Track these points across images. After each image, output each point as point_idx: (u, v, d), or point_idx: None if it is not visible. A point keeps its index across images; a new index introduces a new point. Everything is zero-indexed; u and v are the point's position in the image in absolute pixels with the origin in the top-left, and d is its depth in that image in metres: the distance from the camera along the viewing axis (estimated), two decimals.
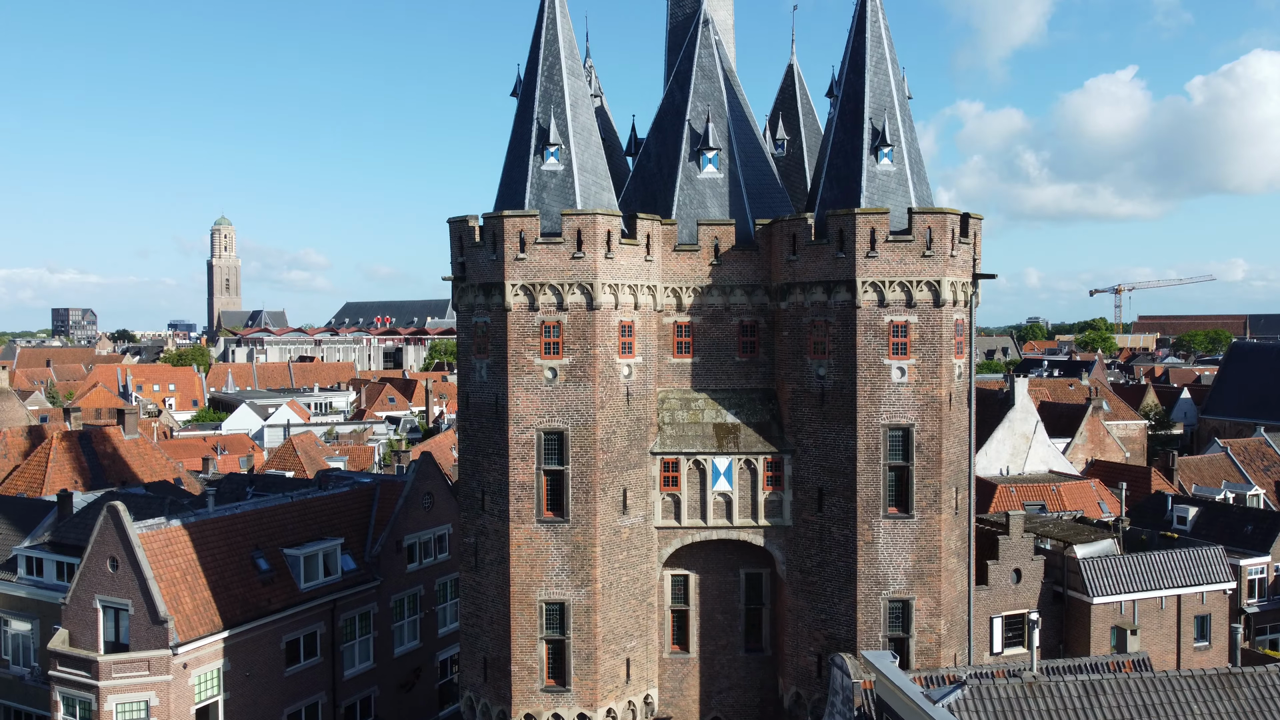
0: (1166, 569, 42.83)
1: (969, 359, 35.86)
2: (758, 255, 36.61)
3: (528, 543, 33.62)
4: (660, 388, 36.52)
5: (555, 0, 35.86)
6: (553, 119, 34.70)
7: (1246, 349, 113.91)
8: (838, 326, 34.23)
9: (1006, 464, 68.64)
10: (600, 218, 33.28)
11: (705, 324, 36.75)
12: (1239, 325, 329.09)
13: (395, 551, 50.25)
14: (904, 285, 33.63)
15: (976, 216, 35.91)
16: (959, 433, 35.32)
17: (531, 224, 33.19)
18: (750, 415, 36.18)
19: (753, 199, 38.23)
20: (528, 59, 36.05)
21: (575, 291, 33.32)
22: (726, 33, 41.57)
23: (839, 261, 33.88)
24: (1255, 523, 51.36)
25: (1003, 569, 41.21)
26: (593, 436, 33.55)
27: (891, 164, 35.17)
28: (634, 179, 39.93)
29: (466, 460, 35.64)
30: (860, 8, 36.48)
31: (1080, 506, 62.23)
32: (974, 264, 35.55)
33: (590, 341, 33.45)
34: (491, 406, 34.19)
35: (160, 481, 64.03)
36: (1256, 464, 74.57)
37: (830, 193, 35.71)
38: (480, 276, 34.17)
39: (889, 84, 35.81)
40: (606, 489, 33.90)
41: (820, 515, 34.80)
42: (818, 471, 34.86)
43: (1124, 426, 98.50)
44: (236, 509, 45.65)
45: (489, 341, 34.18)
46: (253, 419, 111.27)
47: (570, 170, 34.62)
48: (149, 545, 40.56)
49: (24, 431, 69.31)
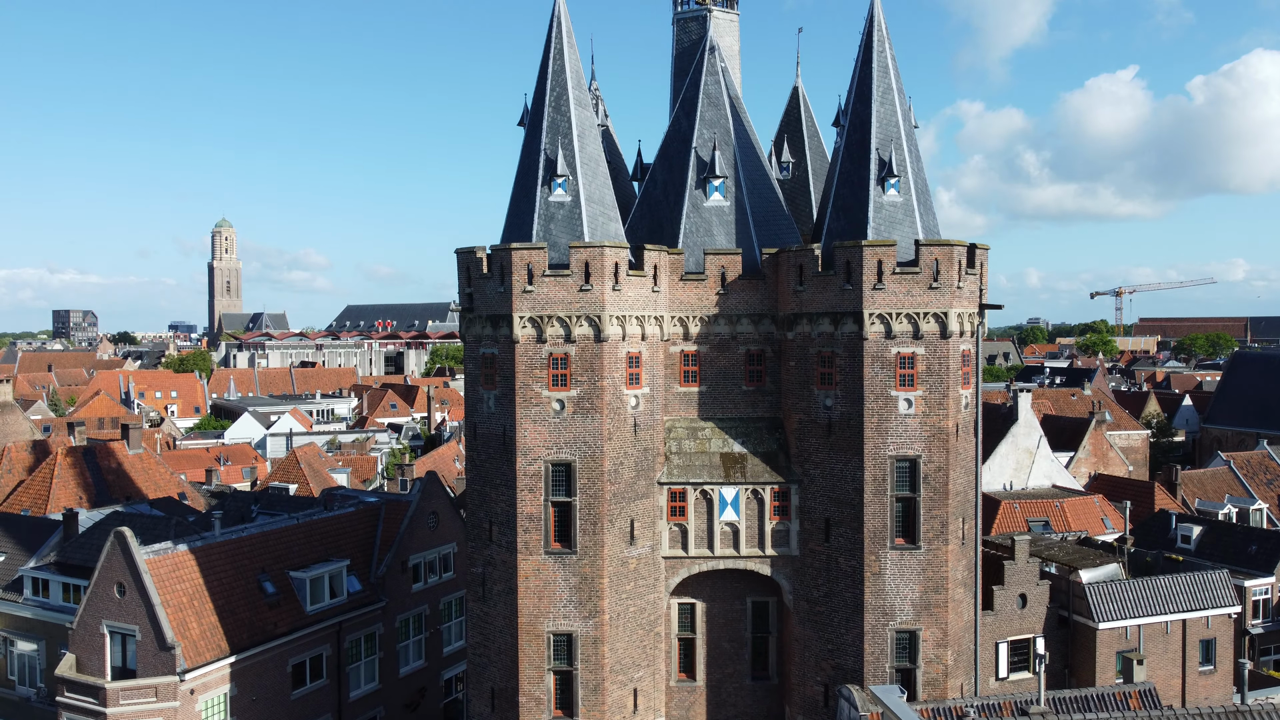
0: (1172, 593, 42.87)
1: (975, 389, 35.93)
2: (764, 284, 36.67)
3: (535, 574, 33.69)
4: (667, 417, 36.58)
5: (563, 32, 35.92)
6: (560, 150, 34.76)
7: (1249, 358, 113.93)
8: (845, 358, 34.29)
9: (1010, 479, 68.71)
10: (608, 250, 33.34)
11: (712, 353, 36.81)
12: (1240, 327, 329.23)
13: (400, 571, 50.33)
14: (911, 317, 33.70)
15: (983, 247, 35.98)
16: (966, 463, 35.38)
17: (539, 256, 33.25)
18: (757, 445, 36.23)
19: (759, 227, 38.29)
20: (535, 90, 36.11)
21: (583, 324, 33.38)
22: (732, 58, 41.61)
23: (846, 293, 33.94)
24: (1259, 543, 51.39)
25: (1008, 594, 41.26)
26: (600, 468, 33.61)
27: (898, 195, 35.22)
28: (640, 206, 39.99)
29: (474, 490, 35.69)
30: (867, 39, 36.54)
31: (1084, 524, 62.29)
32: (980, 294, 35.61)
33: (598, 373, 33.52)
34: (499, 438, 34.25)
35: (165, 498, 64.07)
36: (1259, 477, 74.60)
37: (837, 223, 35.76)
38: (488, 308, 34.24)
39: (895, 114, 35.86)
40: (614, 520, 33.97)
41: (827, 545, 34.87)
42: (825, 502, 34.92)
43: (1126, 437, 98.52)
44: (242, 531, 45.71)
45: (497, 373, 34.24)
46: (255, 428, 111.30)
47: (578, 201, 34.67)
48: (156, 571, 40.63)
49: (28, 446, 69.37)
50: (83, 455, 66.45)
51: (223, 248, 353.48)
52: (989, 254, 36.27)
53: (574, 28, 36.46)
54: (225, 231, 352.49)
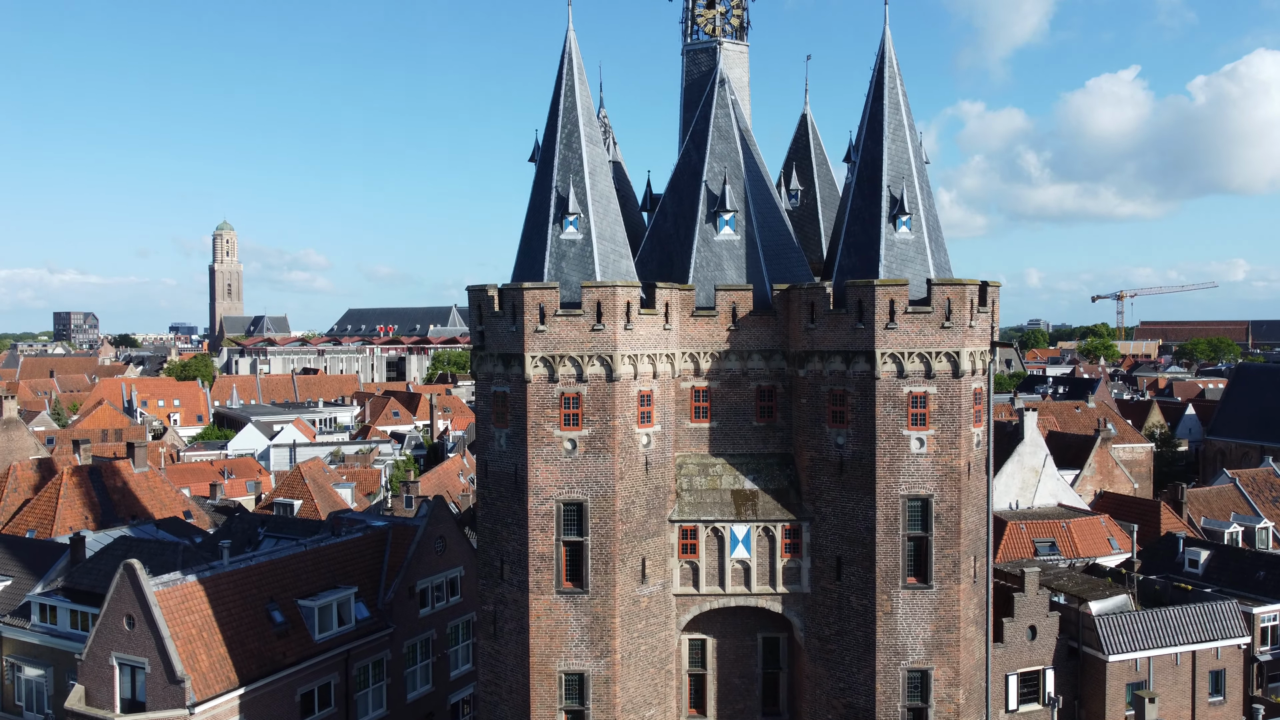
0: (1181, 624, 42.86)
1: (987, 426, 35.89)
2: (775, 320, 36.62)
3: (547, 614, 33.66)
4: (678, 452, 36.54)
5: (574, 69, 35.88)
6: (571, 188, 34.72)
7: (1252, 370, 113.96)
8: (856, 396, 34.25)
9: (1016, 498, 68.68)
10: (620, 290, 33.30)
11: (723, 388, 36.77)
12: (1241, 331, 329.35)
13: (408, 597, 50.31)
14: (923, 356, 33.66)
15: (994, 284, 35.95)
16: (977, 501, 35.35)
17: (551, 296, 33.21)
18: (768, 481, 36.20)
19: (769, 261, 38.24)
20: (546, 126, 36.07)
21: (595, 363, 33.35)
22: (742, 90, 41.56)
23: (858, 332, 33.90)
24: (1268, 568, 51.33)
25: (1018, 626, 41.27)
26: (612, 508, 33.58)
27: (910, 232, 35.19)
28: (650, 239, 39.94)
29: (485, 528, 35.67)
30: (878, 75, 36.50)
31: (1091, 545, 62.30)
32: (992, 331, 35.57)
33: (610, 413, 33.48)
34: (510, 477, 34.22)
35: (171, 518, 64.03)
36: (1265, 495, 74.59)
37: (849, 260, 35.72)
38: (500, 346, 34.19)
39: (907, 151, 35.82)
40: (625, 559, 33.94)
41: (839, 584, 34.83)
42: (836, 540, 34.89)
43: (1130, 450, 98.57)
44: (251, 560, 45.67)
45: (508, 411, 34.20)
46: (259, 439, 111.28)
47: (589, 239, 34.64)
48: (165, 603, 40.60)
49: (33, 465, 69.36)
50: (88, 474, 66.44)
51: (224, 250, 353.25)
52: (999, 290, 36.23)
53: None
54: (226, 234, 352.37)
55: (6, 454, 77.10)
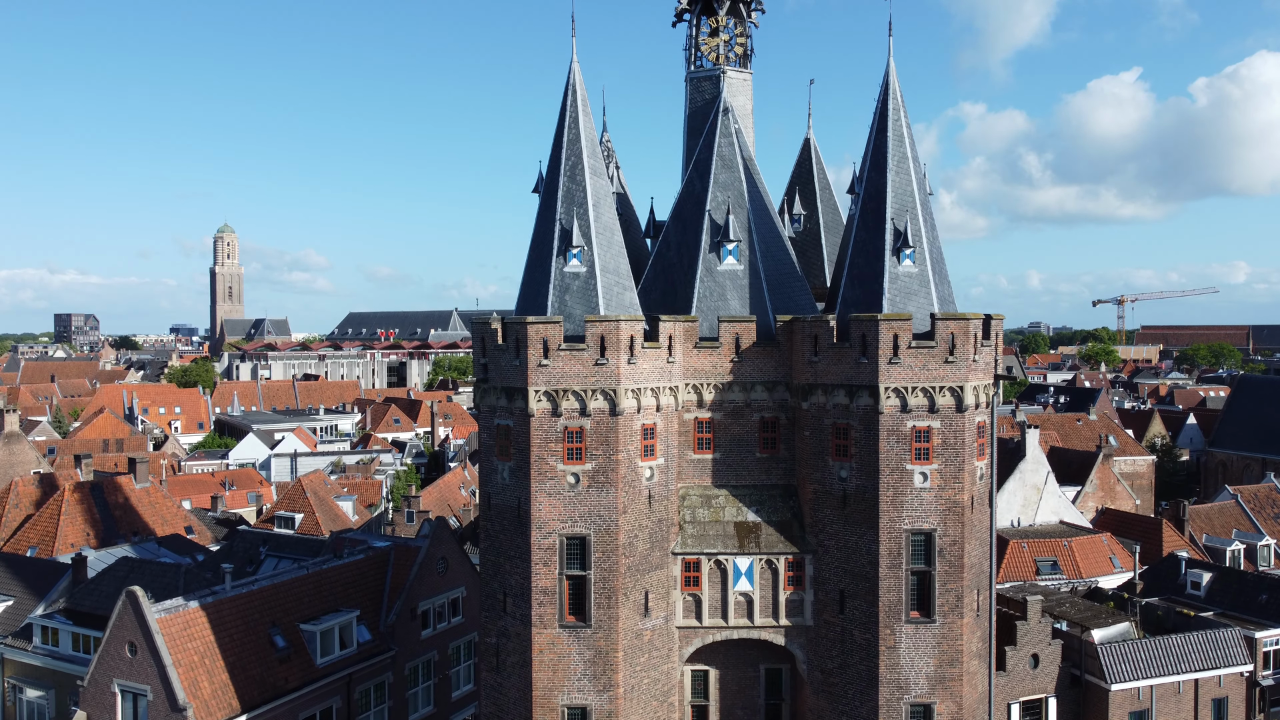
0: (1184, 653, 42.84)
1: (990, 459, 35.88)
2: (779, 351, 36.59)
3: (550, 648, 33.64)
4: (681, 484, 36.53)
5: (578, 100, 35.88)
6: (575, 220, 34.71)
7: (1254, 382, 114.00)
8: (860, 430, 34.24)
9: (1018, 515, 68.70)
10: (623, 324, 33.29)
11: (726, 420, 36.74)
12: (1241, 336, 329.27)
13: (410, 619, 50.29)
14: (927, 391, 33.64)
15: (998, 317, 35.94)
16: (981, 534, 35.34)
17: (555, 330, 33.20)
18: (771, 513, 36.18)
19: (773, 291, 38.22)
20: (549, 157, 36.07)
21: (598, 397, 33.33)
22: (745, 118, 41.55)
23: (862, 366, 33.89)
24: (1270, 592, 51.28)
25: (1020, 654, 41.25)
26: (615, 542, 33.57)
27: (914, 265, 35.17)
28: (654, 267, 39.93)
29: (488, 560, 35.66)
30: (881, 106, 36.49)
31: (1093, 564, 62.30)
32: (995, 364, 35.56)
33: (613, 447, 33.46)
34: (514, 510, 34.21)
35: (173, 535, 64.12)
36: (1267, 511, 74.57)
37: (852, 292, 35.71)
38: (503, 380, 34.18)
39: (910, 183, 35.81)
40: (629, 593, 33.92)
41: (842, 617, 34.82)
42: (839, 573, 34.87)
43: (1132, 463, 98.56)
44: (253, 585, 45.63)
45: (511, 445, 34.18)
46: (260, 448, 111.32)
47: (593, 272, 34.63)
48: (167, 630, 40.58)
49: (35, 480, 69.42)
50: (90, 490, 66.51)
51: (225, 253, 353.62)
52: (1001, 324, 36.20)
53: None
54: (227, 237, 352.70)
55: (8, 467, 77.21)
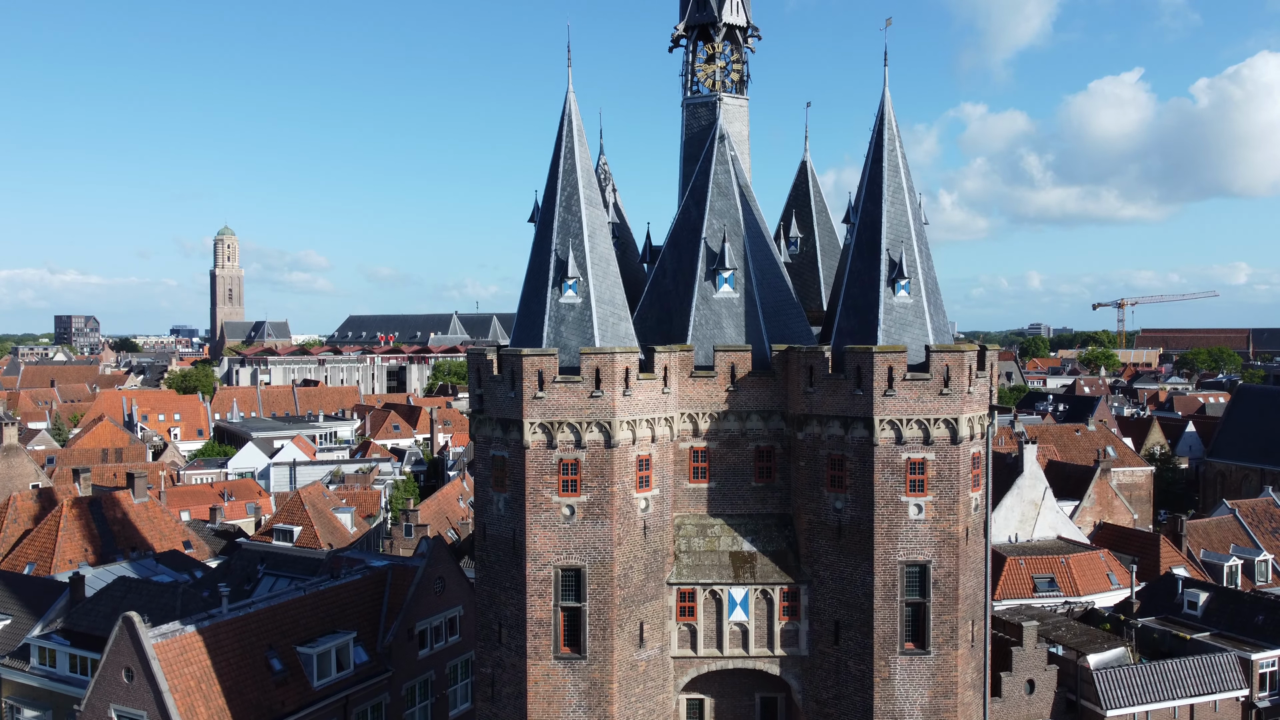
0: (1179, 677, 42.87)
1: (985, 489, 35.91)
2: (774, 380, 36.62)
3: (545, 679, 33.69)
4: (676, 513, 36.56)
5: (573, 130, 35.92)
6: (571, 251, 34.75)
7: (1253, 392, 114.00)
8: (855, 462, 34.27)
9: (1015, 531, 68.68)
10: (618, 356, 33.33)
11: (722, 449, 36.77)
12: (1242, 340, 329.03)
13: (407, 639, 50.33)
14: (921, 423, 33.68)
15: (993, 347, 35.98)
16: (975, 565, 35.37)
17: (550, 363, 33.24)
18: (767, 543, 36.21)
19: (769, 319, 38.26)
20: (545, 188, 36.11)
21: (593, 429, 33.37)
22: (741, 144, 41.58)
23: (856, 398, 33.92)
24: (1267, 612, 51.26)
25: (1016, 680, 41.30)
26: (610, 573, 33.61)
27: (909, 296, 35.20)
28: (649, 294, 39.96)
29: (483, 591, 35.71)
30: (877, 136, 36.51)
31: (1090, 581, 62.28)
32: (990, 395, 35.59)
33: (608, 479, 33.51)
34: (509, 541, 34.25)
35: (171, 551, 64.16)
36: (1265, 526, 74.54)
37: (848, 322, 35.74)
38: (498, 411, 34.22)
39: (906, 213, 35.84)
40: (624, 624, 33.96)
41: (837, 648, 34.85)
42: (835, 604, 34.91)
43: (1130, 473, 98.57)
44: (250, 607, 45.66)
45: (507, 476, 34.23)
46: (259, 457, 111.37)
47: (588, 303, 34.67)
48: (164, 655, 40.62)
49: (33, 495, 69.47)
50: (88, 506, 66.55)
51: (225, 255, 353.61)
52: (995, 356, 36.22)
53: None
54: (228, 239, 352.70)
55: (7, 480, 77.26)
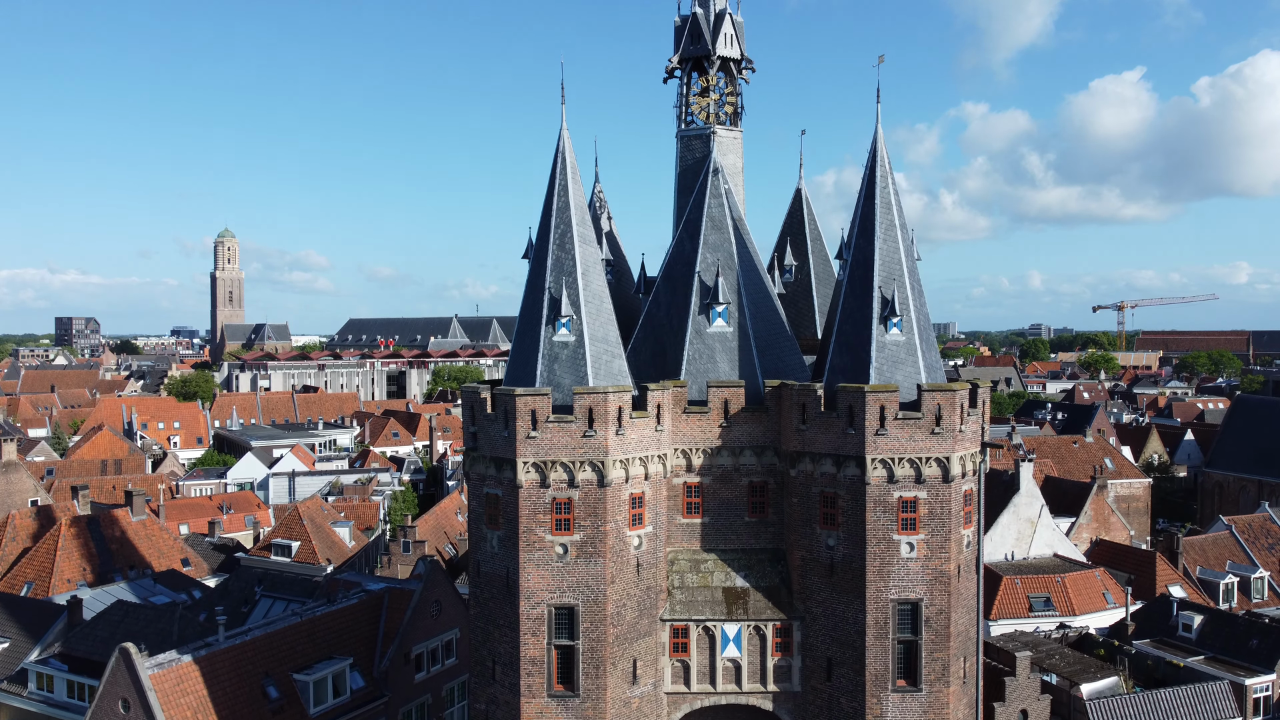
0: (1172, 707, 43.00)
1: (977, 526, 36.04)
2: (767, 415, 36.76)
3: (538, 717, 33.84)
4: (670, 548, 36.71)
5: (567, 167, 36.06)
6: (564, 289, 34.88)
7: (1251, 403, 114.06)
8: (847, 499, 34.42)
9: (1012, 549, 68.82)
10: (611, 395, 33.47)
11: (715, 484, 36.92)
12: (1242, 342, 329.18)
13: (404, 663, 50.49)
14: (913, 462, 33.82)
15: (985, 384, 36.10)
16: (967, 602, 35.51)
17: (543, 402, 33.39)
18: (760, 578, 36.36)
19: (762, 353, 38.38)
20: (539, 224, 36.26)
21: (586, 469, 33.52)
22: (735, 175, 41.71)
23: (849, 437, 34.06)
24: (1261, 637, 51.38)
25: (1009, 710, 41.35)
26: (603, 611, 33.76)
27: (901, 334, 35.32)
28: (644, 327, 40.09)
29: (477, 628, 35.86)
30: (870, 173, 36.63)
31: (1086, 600, 62.44)
32: (983, 432, 35.72)
33: (601, 517, 33.66)
34: (502, 579, 34.40)
35: (169, 570, 64.34)
36: (1261, 542, 74.64)
37: (840, 359, 35.87)
38: (492, 449, 34.37)
39: (898, 251, 35.96)
40: (617, 662, 34.11)
41: (829, 684, 35.00)
42: (827, 641, 35.06)
43: (1128, 486, 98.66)
44: (246, 635, 45.80)
45: (500, 514, 34.38)
46: (258, 468, 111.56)
47: (581, 341, 34.80)
48: (160, 686, 40.77)
49: (32, 514, 69.67)
50: (86, 525, 66.75)
51: (225, 258, 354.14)
52: (987, 394, 36.34)
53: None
54: (228, 242, 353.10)
55: (6, 496, 77.48)
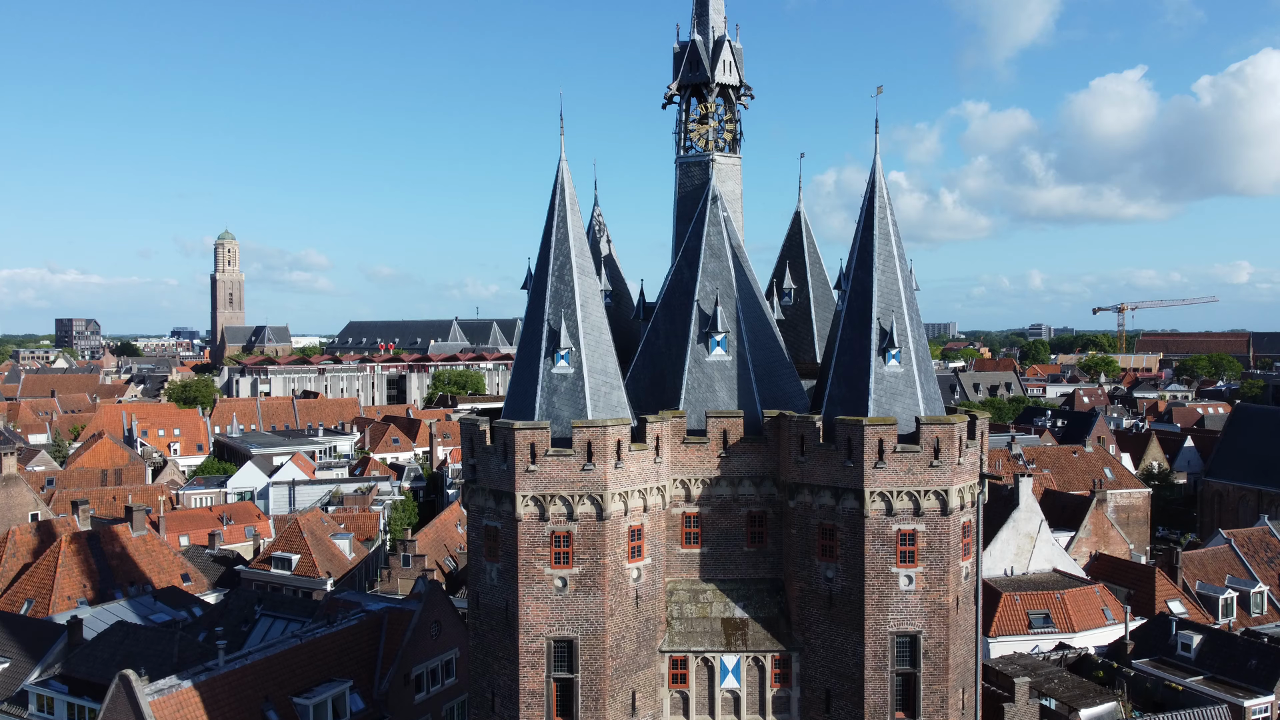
0: None
1: (976, 557, 36.07)
2: (766, 446, 36.79)
3: None
4: (669, 578, 36.75)
5: (566, 198, 36.10)
6: (563, 321, 34.90)
7: (1251, 413, 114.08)
8: (846, 531, 34.46)
9: (1011, 564, 68.82)
10: (610, 428, 33.51)
11: (714, 514, 36.96)
12: (1242, 344, 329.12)
13: (404, 684, 50.60)
14: (912, 495, 33.86)
15: (983, 415, 36.14)
16: (966, 633, 35.55)
17: (542, 436, 33.42)
18: (759, 609, 36.41)
19: (761, 381, 38.40)
20: (538, 255, 36.30)
21: (585, 502, 33.56)
22: (734, 202, 41.72)
23: (847, 470, 34.10)
24: (1260, 658, 51.45)
25: None
26: (602, 644, 33.81)
27: (899, 365, 35.34)
28: (642, 355, 40.10)
29: (476, 659, 35.91)
30: (868, 204, 36.65)
31: (1085, 617, 62.49)
32: (981, 464, 35.75)
33: (600, 551, 33.70)
34: (501, 612, 34.45)
35: (169, 587, 64.41)
36: (1260, 555, 74.66)
37: (838, 390, 35.89)
38: (491, 482, 34.41)
39: (896, 282, 35.98)
40: (616, 694, 34.16)
41: (828, 716, 35.05)
42: (826, 673, 35.11)
43: (1128, 496, 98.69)
44: (246, 659, 45.88)
45: (499, 547, 34.43)
46: (258, 476, 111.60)
47: (580, 373, 34.83)
48: (160, 712, 40.86)
49: (32, 529, 69.74)
50: (86, 541, 66.81)
51: (225, 260, 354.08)
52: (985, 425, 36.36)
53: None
54: (228, 244, 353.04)
55: (6, 510, 77.51)
